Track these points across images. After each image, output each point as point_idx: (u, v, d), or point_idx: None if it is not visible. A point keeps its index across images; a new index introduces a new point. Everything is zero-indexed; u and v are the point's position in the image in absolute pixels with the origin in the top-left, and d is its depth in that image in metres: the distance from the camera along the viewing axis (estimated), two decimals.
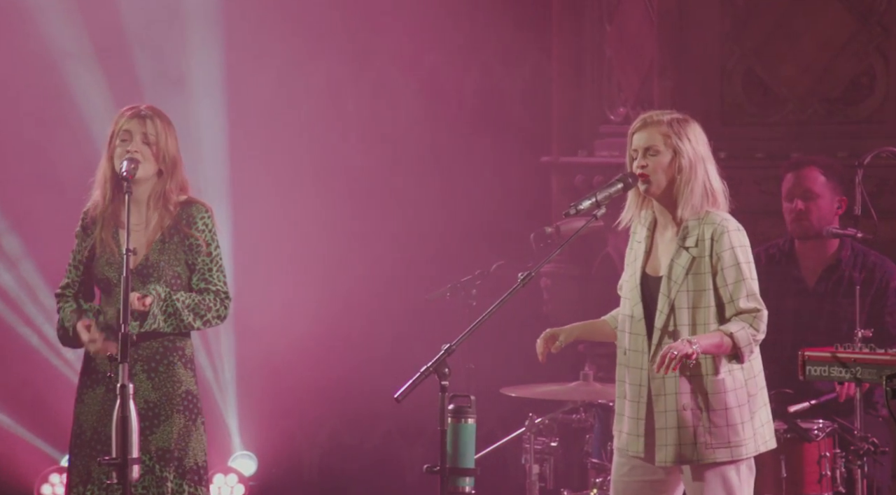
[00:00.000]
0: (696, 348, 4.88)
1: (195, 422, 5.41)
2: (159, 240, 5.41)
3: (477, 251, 8.28)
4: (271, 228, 8.46)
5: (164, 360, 5.40)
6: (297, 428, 8.67)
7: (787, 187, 6.52)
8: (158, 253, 5.40)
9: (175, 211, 5.41)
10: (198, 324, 5.38)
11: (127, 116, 5.41)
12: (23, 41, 8.16)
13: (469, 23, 8.66)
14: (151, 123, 5.39)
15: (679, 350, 4.85)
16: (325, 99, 8.62)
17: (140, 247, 5.40)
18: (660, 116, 5.08)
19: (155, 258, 5.39)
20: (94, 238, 5.46)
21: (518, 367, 8.07)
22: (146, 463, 5.31)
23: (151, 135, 5.38)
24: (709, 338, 4.94)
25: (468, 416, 4.91)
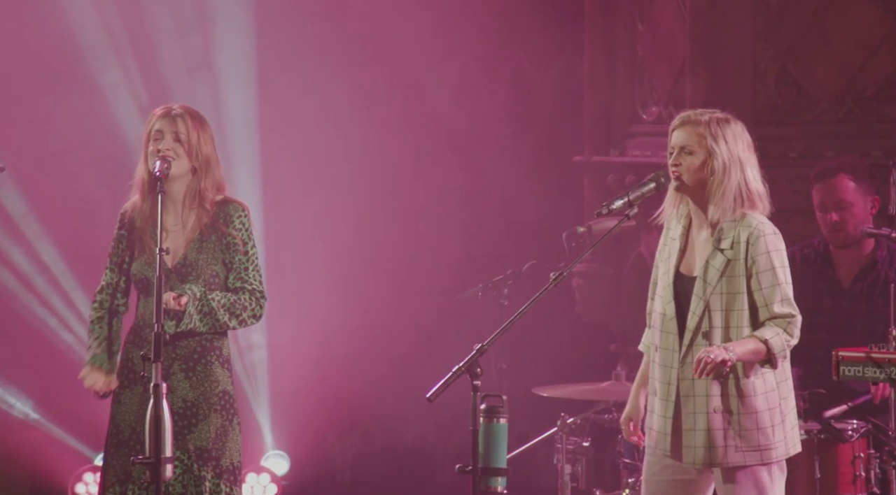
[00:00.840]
0: (731, 356, 4.86)
1: (232, 422, 5.43)
2: (197, 238, 5.43)
3: (509, 251, 8.27)
4: (303, 228, 8.48)
5: (201, 360, 5.42)
6: (329, 427, 8.69)
7: (818, 198, 6.49)
8: (197, 252, 5.42)
9: (212, 210, 5.43)
10: (233, 324, 5.40)
11: (158, 116, 5.44)
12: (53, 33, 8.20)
13: (501, 23, 8.65)
14: (183, 122, 5.41)
15: (715, 355, 4.84)
16: (355, 99, 8.63)
17: (178, 247, 5.42)
18: (699, 116, 5.06)
19: (193, 257, 5.41)
20: (131, 238, 5.48)
21: (550, 367, 8.07)
22: (184, 461, 5.33)
23: (183, 133, 5.40)
24: (744, 344, 4.92)
25: (500, 416, 4.90)
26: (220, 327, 5.40)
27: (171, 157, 5.36)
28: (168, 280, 5.33)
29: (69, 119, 8.28)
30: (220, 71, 8.45)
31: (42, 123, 8.23)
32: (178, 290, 5.33)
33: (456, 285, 7.60)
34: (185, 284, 5.37)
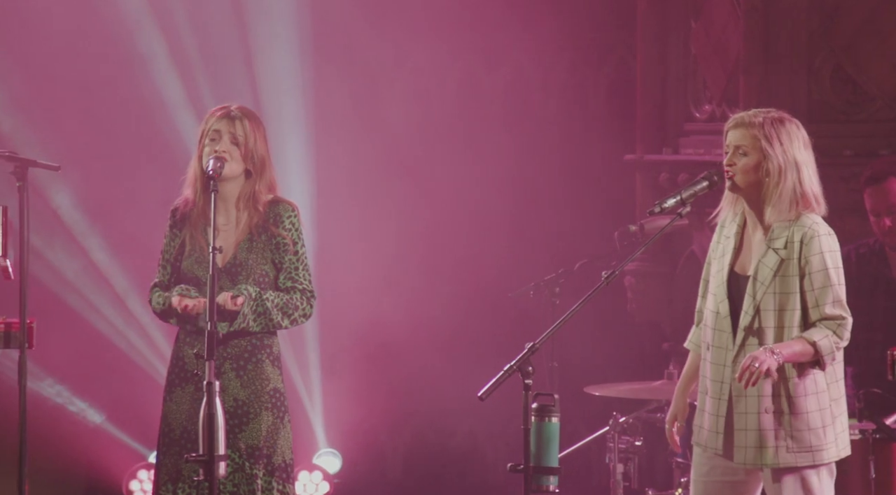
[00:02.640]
0: (777, 359, 4.83)
1: (283, 420, 5.45)
2: (247, 238, 5.45)
3: (560, 249, 8.26)
4: (355, 228, 8.49)
5: (252, 358, 5.43)
6: (381, 425, 8.70)
7: (870, 203, 6.45)
8: (247, 251, 5.43)
9: (263, 210, 5.45)
10: (285, 323, 5.42)
11: (217, 116, 5.45)
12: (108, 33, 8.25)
13: (554, 20, 8.64)
14: (240, 123, 5.43)
15: (762, 362, 4.81)
16: (409, 99, 8.64)
17: (228, 246, 5.44)
18: (754, 117, 5.02)
19: (243, 256, 5.43)
20: (182, 236, 5.50)
21: (602, 366, 8.05)
22: (236, 460, 5.35)
23: (240, 135, 5.41)
24: (791, 346, 4.89)
25: (552, 415, 4.90)
26: (273, 327, 5.42)
27: (226, 158, 5.38)
28: (218, 279, 5.35)
29: (122, 118, 8.33)
30: (272, 70, 8.47)
31: (97, 122, 8.28)
32: (229, 289, 5.35)
33: (508, 284, 7.59)
34: (234, 283, 5.39)
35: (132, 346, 8.32)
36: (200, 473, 5.06)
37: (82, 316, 8.29)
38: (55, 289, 8.23)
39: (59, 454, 8.14)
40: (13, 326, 6.33)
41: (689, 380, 5.18)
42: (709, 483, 5.08)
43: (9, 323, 6.38)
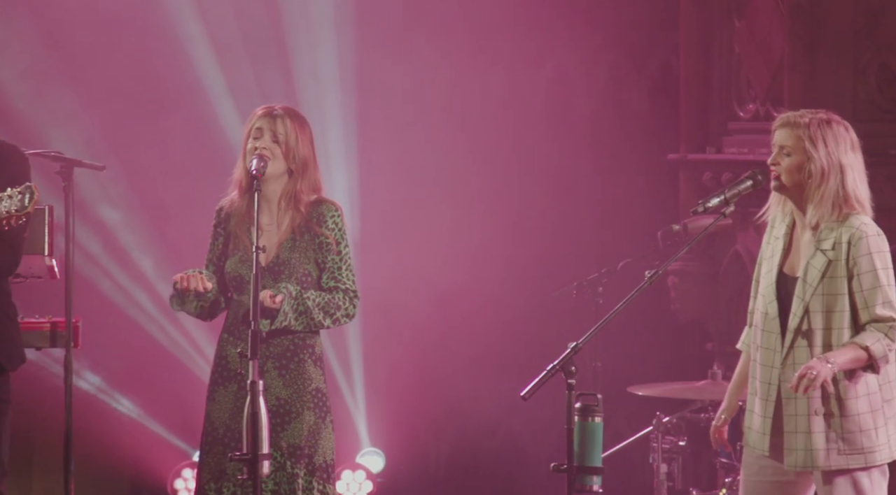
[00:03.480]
0: (832, 368, 4.81)
1: (324, 420, 5.45)
2: (290, 238, 5.46)
3: (603, 249, 8.25)
4: (397, 227, 8.50)
5: (294, 358, 5.44)
6: (424, 425, 8.71)
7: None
8: (289, 250, 5.45)
9: (306, 211, 5.46)
10: (327, 323, 5.43)
11: (259, 115, 5.47)
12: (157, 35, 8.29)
13: (596, 20, 8.63)
14: (282, 122, 5.44)
15: (816, 371, 4.79)
16: (451, 98, 8.64)
17: (271, 246, 5.45)
18: (801, 117, 5.00)
19: (286, 256, 5.44)
20: (226, 235, 5.52)
21: (645, 366, 8.03)
22: (277, 459, 5.36)
23: (281, 134, 5.42)
24: (844, 353, 4.87)
25: (595, 415, 4.89)
26: (315, 326, 5.43)
27: (268, 157, 5.40)
28: (261, 278, 5.37)
29: (168, 118, 8.37)
30: (318, 70, 8.50)
31: (145, 123, 8.33)
32: (270, 289, 5.36)
33: (551, 283, 7.59)
34: (277, 282, 5.40)
35: (178, 345, 8.36)
36: (245, 472, 5.08)
37: (127, 314, 8.33)
38: (101, 288, 8.27)
39: (104, 452, 8.19)
40: (59, 325, 6.38)
41: (741, 381, 5.17)
42: (758, 483, 5.06)
43: (55, 322, 6.42)
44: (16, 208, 5.02)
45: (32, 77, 8.19)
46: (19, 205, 5.02)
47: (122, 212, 8.38)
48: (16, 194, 5.04)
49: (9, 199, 5.04)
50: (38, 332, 6.44)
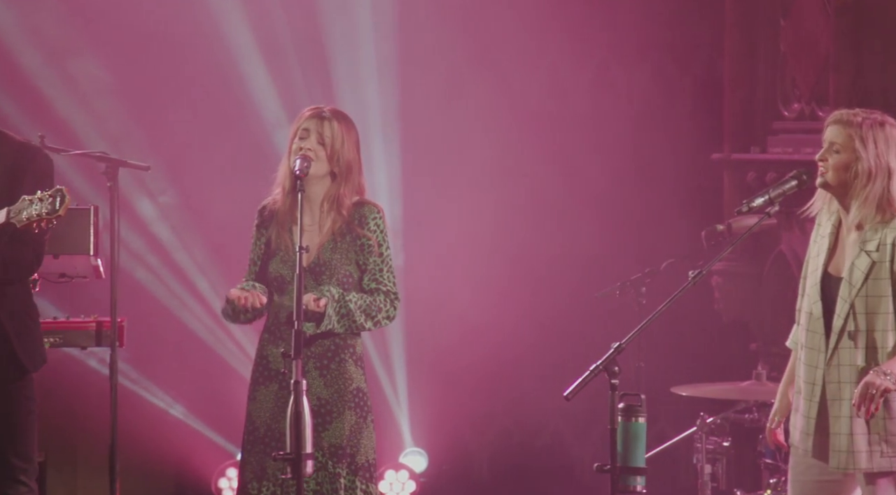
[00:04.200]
0: (891, 379, 4.78)
1: (365, 420, 5.46)
2: (331, 240, 5.46)
3: (646, 249, 8.22)
4: (442, 228, 8.51)
5: (335, 358, 5.45)
6: (467, 425, 8.71)
7: None
8: (330, 252, 5.45)
9: (347, 213, 5.46)
10: (369, 325, 5.43)
11: (307, 116, 5.48)
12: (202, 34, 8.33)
13: (640, 19, 8.60)
14: (329, 124, 5.44)
15: (877, 386, 4.76)
16: (493, 97, 8.64)
17: (312, 247, 5.45)
18: (854, 116, 4.96)
19: (327, 257, 5.45)
20: (268, 235, 5.53)
21: (688, 366, 8.00)
22: (319, 459, 5.37)
23: (328, 136, 5.43)
24: None
25: (638, 415, 4.88)
26: (357, 329, 5.43)
27: (312, 158, 5.40)
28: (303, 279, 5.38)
29: (213, 118, 8.40)
30: (360, 70, 8.51)
31: (187, 123, 8.36)
32: (312, 290, 5.37)
33: (594, 283, 7.57)
34: (319, 284, 5.41)
35: (222, 344, 8.39)
36: (287, 471, 5.09)
37: (172, 314, 8.37)
38: (146, 287, 8.31)
39: (149, 451, 8.23)
40: (104, 325, 6.42)
41: (790, 380, 5.14)
42: (805, 482, 5.04)
43: (100, 321, 6.46)
44: (46, 211, 5.04)
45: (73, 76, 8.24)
46: (50, 209, 5.03)
47: (166, 212, 8.41)
48: (46, 197, 5.05)
49: (39, 202, 5.05)
50: (84, 332, 6.48)
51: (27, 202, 5.06)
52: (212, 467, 8.33)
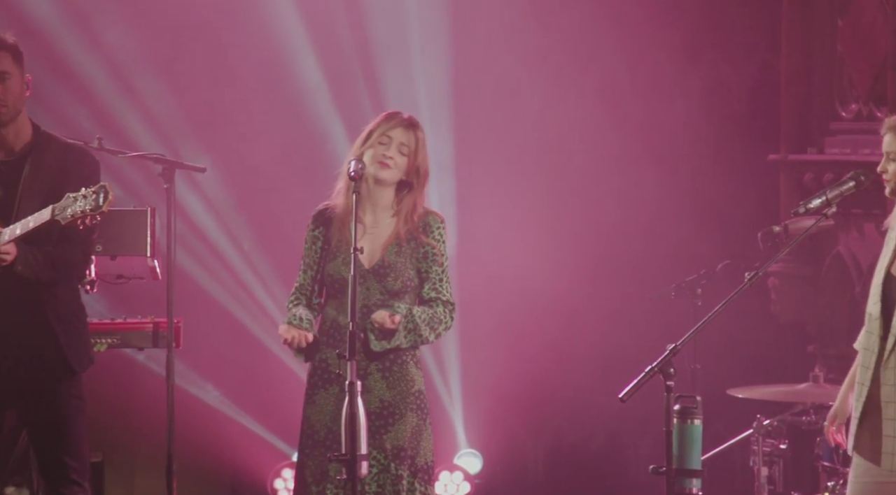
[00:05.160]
0: None
1: (425, 422, 5.47)
2: (395, 243, 5.47)
3: (702, 250, 8.19)
4: (495, 232, 8.50)
5: (397, 360, 5.46)
6: (521, 426, 8.70)
7: None
8: (395, 255, 5.46)
9: (417, 220, 5.49)
10: (432, 338, 5.47)
11: (392, 122, 5.47)
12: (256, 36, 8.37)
13: (695, 19, 8.57)
14: (413, 135, 5.46)
15: None
16: (547, 99, 8.63)
17: (375, 249, 5.47)
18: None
19: (392, 259, 5.45)
20: (327, 237, 5.53)
21: (744, 368, 7.96)
22: (381, 461, 5.38)
23: (410, 147, 5.45)
24: None
25: (694, 417, 4.86)
26: (422, 342, 5.46)
27: (390, 166, 5.41)
28: (365, 281, 5.39)
29: (267, 119, 8.44)
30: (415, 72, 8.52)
31: (242, 123, 8.40)
32: (376, 291, 5.38)
33: (649, 284, 7.55)
34: (383, 285, 5.42)
35: (278, 345, 8.41)
36: (343, 472, 5.10)
37: (228, 315, 8.40)
38: (202, 288, 8.35)
39: (205, 452, 8.27)
40: (161, 326, 6.46)
41: (853, 382, 5.11)
42: (863, 484, 5.00)
43: (157, 322, 6.50)
44: (90, 207, 5.09)
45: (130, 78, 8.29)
46: (94, 205, 5.09)
47: (223, 213, 8.45)
48: (90, 194, 5.11)
49: (83, 199, 5.11)
50: (141, 333, 6.52)
51: (71, 199, 5.12)
52: (267, 468, 8.35)
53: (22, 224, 5.21)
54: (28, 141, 5.43)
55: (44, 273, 5.29)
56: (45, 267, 5.29)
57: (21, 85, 5.40)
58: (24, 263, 5.24)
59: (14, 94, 5.37)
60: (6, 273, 5.24)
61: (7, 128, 5.40)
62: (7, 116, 5.37)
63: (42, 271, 5.28)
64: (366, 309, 5.39)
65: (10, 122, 5.38)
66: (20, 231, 5.20)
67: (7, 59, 5.37)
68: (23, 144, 5.42)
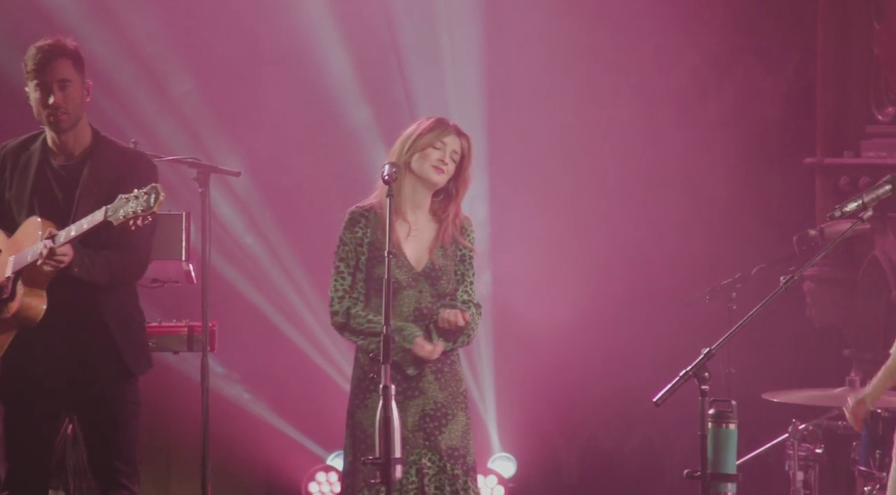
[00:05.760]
0: None
1: (470, 420, 5.53)
2: (440, 246, 5.51)
3: (737, 254, 8.16)
4: (528, 234, 8.50)
5: (447, 360, 5.50)
6: (555, 430, 8.69)
7: None
8: (442, 257, 5.51)
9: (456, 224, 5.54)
10: (467, 342, 5.54)
11: (447, 130, 5.49)
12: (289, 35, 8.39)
13: (730, 22, 8.54)
14: (464, 143, 5.52)
15: None
16: (583, 100, 8.61)
17: (422, 252, 5.50)
18: None
19: (441, 262, 5.50)
20: (368, 242, 5.53)
21: (780, 372, 7.93)
22: (437, 462, 5.40)
23: (458, 154, 5.51)
24: None
25: (729, 421, 4.85)
26: (465, 344, 5.53)
27: (444, 171, 5.45)
28: (417, 283, 5.43)
29: (301, 122, 8.45)
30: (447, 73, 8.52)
31: (276, 126, 8.42)
32: (428, 294, 5.41)
33: (683, 289, 7.53)
34: (435, 288, 5.46)
35: (312, 348, 8.43)
36: (377, 476, 5.11)
37: (262, 318, 8.42)
38: (237, 292, 8.37)
39: (240, 455, 8.29)
40: (196, 329, 6.48)
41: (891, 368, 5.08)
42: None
43: (192, 326, 6.53)
44: (142, 208, 5.12)
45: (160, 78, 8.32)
46: (145, 205, 5.12)
47: (255, 214, 8.47)
48: (142, 195, 5.15)
49: (135, 200, 5.15)
50: (175, 336, 6.55)
51: (123, 200, 5.16)
52: (301, 471, 8.37)
53: (77, 226, 5.25)
54: (87, 146, 5.48)
55: (100, 275, 5.32)
56: (102, 269, 5.33)
57: (81, 91, 5.45)
58: (81, 265, 5.27)
59: (75, 101, 5.41)
60: (63, 275, 5.28)
61: (67, 133, 5.45)
62: (68, 123, 5.42)
63: (99, 274, 5.32)
64: (418, 312, 5.42)
65: (70, 128, 5.43)
66: (75, 233, 5.24)
67: (68, 66, 5.41)
68: (82, 149, 5.48)
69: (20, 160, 5.50)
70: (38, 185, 5.45)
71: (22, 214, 5.45)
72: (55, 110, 5.38)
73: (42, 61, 5.39)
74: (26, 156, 5.50)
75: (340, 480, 8.26)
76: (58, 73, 5.39)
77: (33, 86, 5.42)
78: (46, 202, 5.42)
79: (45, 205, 5.42)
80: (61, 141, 5.45)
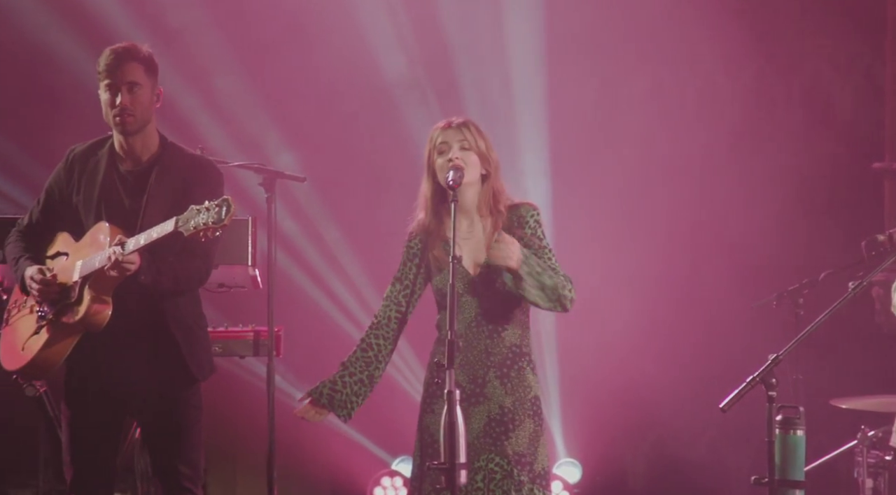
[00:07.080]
0: None
1: (541, 428, 5.49)
2: (495, 240, 5.47)
3: (805, 259, 8.11)
4: (590, 240, 8.48)
5: (514, 366, 5.47)
6: (621, 435, 8.66)
7: None
8: None
9: (506, 211, 5.49)
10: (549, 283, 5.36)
11: (440, 129, 5.50)
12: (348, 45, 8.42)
13: (799, 27, 8.49)
14: (467, 130, 5.47)
15: None
16: (645, 105, 8.59)
17: (478, 255, 5.48)
18: None
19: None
20: (423, 256, 5.54)
21: (848, 378, 7.87)
22: (504, 467, 5.40)
23: (470, 141, 5.46)
24: None
25: (797, 427, 4.81)
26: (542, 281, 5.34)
27: (463, 166, 5.43)
28: (474, 289, 5.41)
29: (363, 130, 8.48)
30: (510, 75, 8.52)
31: (342, 133, 8.45)
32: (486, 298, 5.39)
33: (751, 294, 7.48)
34: (490, 290, 5.43)
35: None
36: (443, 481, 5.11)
37: (328, 323, 8.45)
38: (303, 297, 8.41)
39: (305, 459, 8.32)
40: (262, 334, 6.51)
41: None
42: None
43: (258, 331, 6.56)
44: (213, 220, 5.14)
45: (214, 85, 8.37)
46: (216, 218, 5.13)
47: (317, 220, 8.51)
48: (213, 207, 5.16)
49: (206, 212, 5.16)
50: (242, 341, 6.58)
51: (195, 211, 5.18)
52: (367, 475, 8.39)
53: (146, 235, 5.27)
54: (155, 152, 5.52)
55: (166, 283, 5.36)
56: (168, 277, 5.36)
57: (151, 96, 5.48)
58: (147, 273, 5.31)
59: (142, 105, 5.45)
60: (129, 282, 5.31)
61: (134, 138, 5.48)
62: (134, 126, 5.45)
63: (164, 281, 5.35)
64: (479, 317, 5.41)
65: (137, 132, 5.47)
66: (144, 241, 5.27)
67: (139, 71, 5.45)
68: (150, 155, 5.51)
69: (88, 164, 5.54)
70: (106, 190, 5.49)
71: (90, 219, 5.49)
72: (121, 112, 5.41)
73: (113, 63, 5.44)
74: (94, 161, 5.54)
75: (406, 484, 8.28)
76: (127, 76, 5.43)
77: (103, 86, 5.46)
78: (113, 207, 5.46)
79: (113, 211, 5.45)
80: (128, 145, 5.49)
